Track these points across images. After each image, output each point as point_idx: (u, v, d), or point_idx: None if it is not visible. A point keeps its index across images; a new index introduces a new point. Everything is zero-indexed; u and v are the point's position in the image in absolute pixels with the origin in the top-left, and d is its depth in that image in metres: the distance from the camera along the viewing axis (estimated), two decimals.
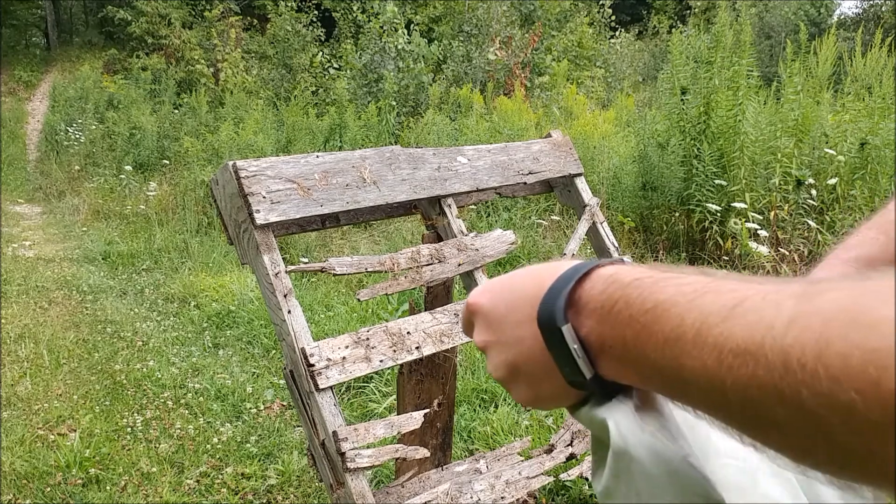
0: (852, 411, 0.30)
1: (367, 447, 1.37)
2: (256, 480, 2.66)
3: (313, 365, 1.37)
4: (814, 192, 4.60)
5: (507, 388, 0.54)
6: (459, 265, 1.72)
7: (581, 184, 2.11)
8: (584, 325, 0.45)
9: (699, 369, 0.36)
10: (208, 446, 2.91)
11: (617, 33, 14.41)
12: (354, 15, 12.31)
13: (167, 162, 8.94)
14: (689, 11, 14.82)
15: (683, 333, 0.37)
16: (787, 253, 4.48)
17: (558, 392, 0.49)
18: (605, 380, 0.46)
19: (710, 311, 0.36)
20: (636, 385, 0.45)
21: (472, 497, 1.56)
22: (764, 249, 4.27)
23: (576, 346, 0.45)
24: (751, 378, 0.33)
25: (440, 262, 1.69)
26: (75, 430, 3.03)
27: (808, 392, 0.31)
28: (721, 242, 4.66)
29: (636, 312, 0.40)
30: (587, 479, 2.15)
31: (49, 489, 2.58)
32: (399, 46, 9.75)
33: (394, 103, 8.66)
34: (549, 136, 2.14)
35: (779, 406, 0.33)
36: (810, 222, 4.52)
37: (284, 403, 3.31)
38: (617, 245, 2.10)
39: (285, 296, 1.43)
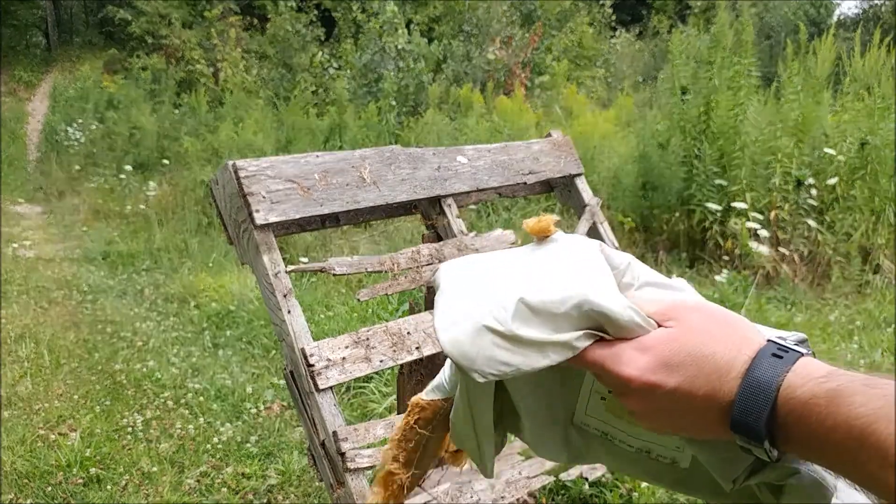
0: None
1: (367, 447, 1.37)
2: (256, 480, 2.66)
3: (313, 365, 1.37)
4: (814, 191, 4.60)
5: (637, 412, 0.56)
6: None
7: (581, 184, 2.11)
8: (771, 425, 0.49)
9: (882, 482, 0.42)
10: (208, 446, 2.91)
11: (617, 33, 14.41)
12: (354, 15, 12.30)
13: (167, 162, 8.94)
14: (689, 11, 14.80)
15: (867, 460, 0.43)
16: (787, 253, 4.48)
17: (705, 434, 0.54)
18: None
19: (887, 440, 0.42)
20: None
21: (472, 497, 1.56)
22: (764, 249, 4.27)
23: (774, 454, 0.49)
24: None
25: (440, 262, 1.69)
26: (76, 430, 3.03)
27: None
28: (721, 242, 4.66)
29: (817, 430, 0.46)
30: (587, 479, 2.15)
31: (50, 488, 2.58)
32: (399, 46, 9.75)
33: (394, 103, 8.66)
34: (549, 136, 2.14)
35: None
36: (810, 222, 4.52)
37: (284, 403, 3.31)
38: (617, 245, 2.10)
39: (285, 296, 1.43)
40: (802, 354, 0.50)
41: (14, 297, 4.95)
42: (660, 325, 0.55)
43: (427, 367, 1.88)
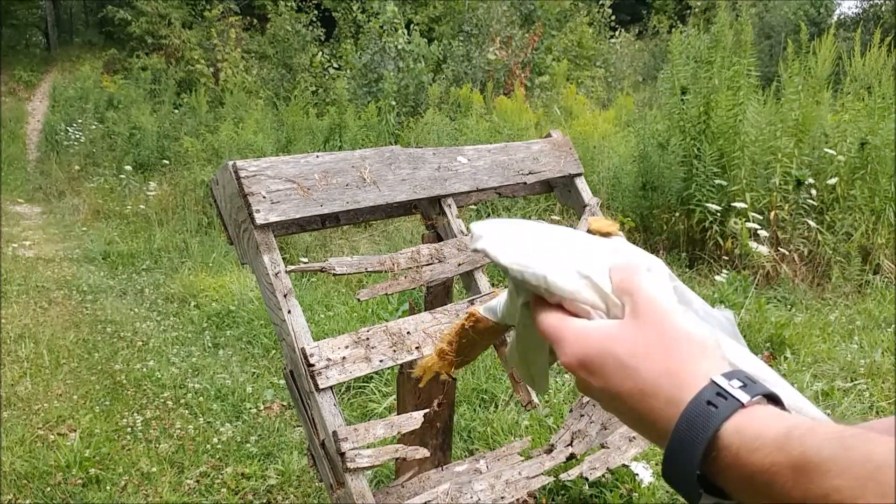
0: None
1: (367, 447, 1.37)
2: (256, 480, 2.66)
3: (313, 365, 1.37)
4: (814, 192, 4.60)
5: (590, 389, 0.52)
6: (459, 265, 1.72)
7: (581, 184, 2.11)
8: (715, 476, 0.44)
9: None
10: (208, 446, 2.91)
11: (617, 33, 14.41)
12: (354, 15, 12.30)
13: (167, 162, 8.94)
14: (689, 11, 14.80)
15: None
16: (787, 253, 4.48)
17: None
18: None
19: None
20: None
21: (472, 497, 1.56)
22: (764, 249, 4.27)
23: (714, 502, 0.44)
24: None
25: (440, 262, 1.69)
26: (75, 430, 3.03)
27: None
28: (721, 242, 4.66)
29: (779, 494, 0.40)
30: (587, 479, 2.15)
31: (49, 489, 2.58)
32: (399, 46, 9.75)
33: (394, 103, 8.66)
34: (549, 136, 2.14)
35: None
36: (810, 222, 4.52)
37: (284, 403, 3.31)
38: None
39: (285, 296, 1.43)
40: (742, 404, 0.44)
41: (14, 297, 4.95)
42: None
43: None
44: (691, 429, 0.44)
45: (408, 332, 1.52)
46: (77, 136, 11.13)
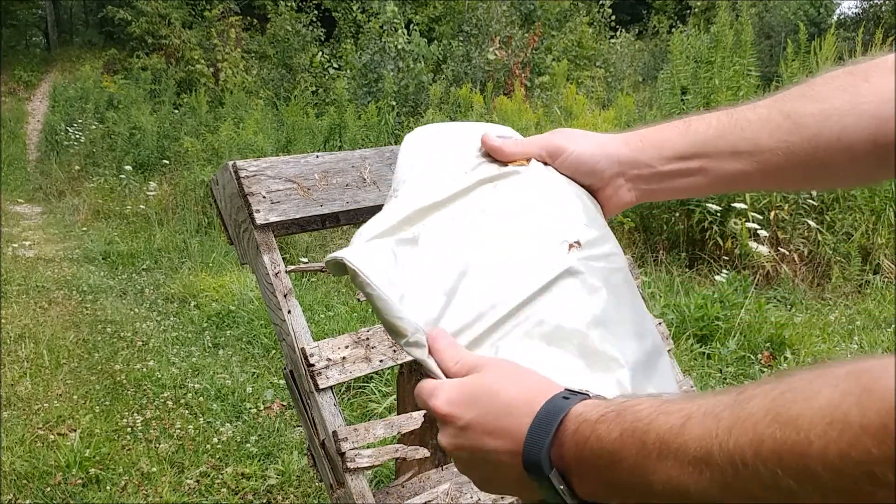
0: (793, 496, 0.35)
1: (367, 447, 1.37)
2: (256, 480, 2.66)
3: (313, 365, 1.37)
4: (814, 192, 4.60)
5: (459, 467, 0.61)
6: None
7: None
8: (564, 458, 0.50)
9: (665, 482, 0.42)
10: (208, 446, 2.91)
11: (617, 33, 14.40)
12: (354, 15, 12.30)
13: (167, 162, 8.94)
14: (689, 11, 14.81)
15: (648, 454, 0.43)
16: (787, 253, 4.48)
17: (522, 494, 0.56)
18: (583, 499, 0.51)
19: (665, 430, 0.42)
20: (614, 501, 0.50)
21: (472, 497, 1.56)
22: (764, 249, 4.27)
23: (562, 487, 0.50)
24: (709, 482, 0.39)
25: None
26: (75, 430, 3.03)
27: (756, 485, 0.37)
28: (721, 242, 4.66)
29: (606, 444, 0.46)
30: None
31: (49, 489, 2.58)
32: (399, 46, 9.75)
33: (394, 103, 8.66)
34: None
35: (734, 501, 0.39)
36: (810, 222, 4.52)
37: (284, 403, 3.31)
38: None
39: (285, 296, 1.43)
40: (590, 396, 0.52)
41: (14, 297, 4.95)
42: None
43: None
44: (547, 414, 0.51)
45: None
46: (77, 136, 11.13)
